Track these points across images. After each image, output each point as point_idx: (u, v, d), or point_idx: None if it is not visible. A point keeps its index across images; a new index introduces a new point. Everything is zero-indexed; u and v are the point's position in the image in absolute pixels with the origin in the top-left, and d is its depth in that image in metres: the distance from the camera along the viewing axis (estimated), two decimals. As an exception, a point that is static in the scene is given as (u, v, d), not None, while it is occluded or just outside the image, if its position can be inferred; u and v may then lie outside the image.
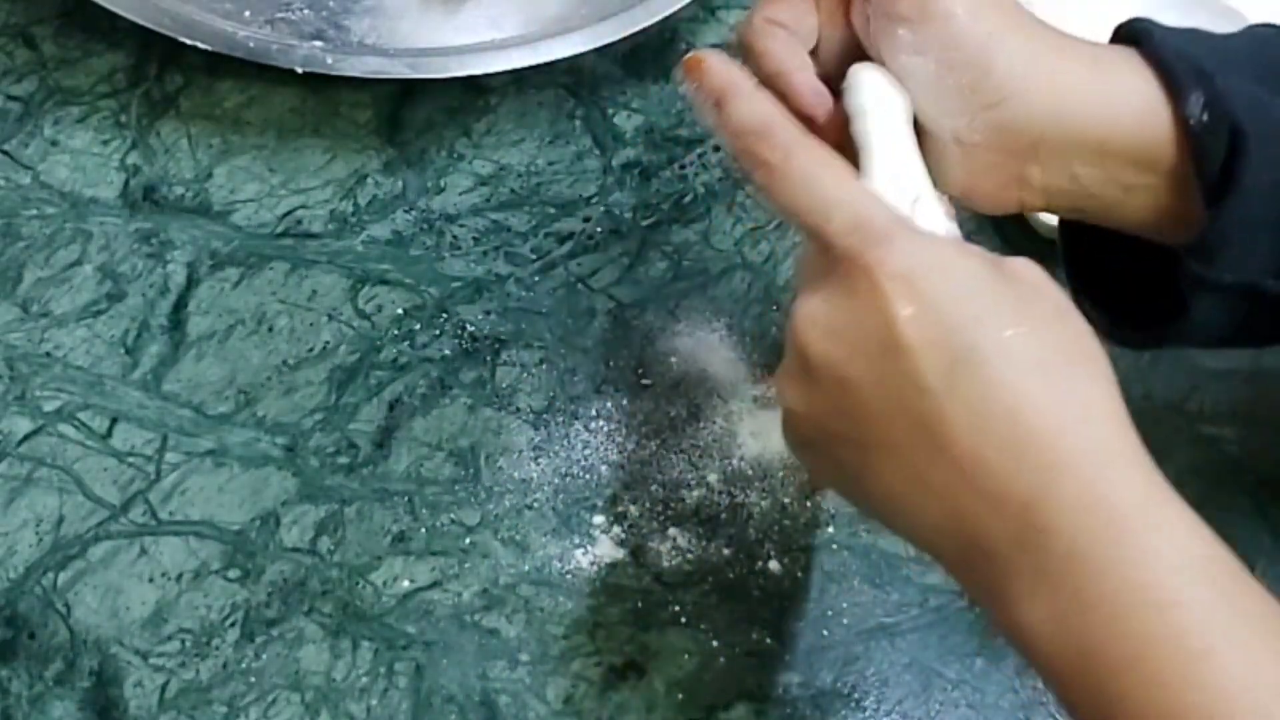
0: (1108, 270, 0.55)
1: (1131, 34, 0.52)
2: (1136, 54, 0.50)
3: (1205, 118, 0.49)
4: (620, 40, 0.72)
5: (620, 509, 0.61)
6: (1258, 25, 0.55)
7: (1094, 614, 0.40)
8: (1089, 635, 0.40)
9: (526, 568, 0.59)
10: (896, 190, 0.48)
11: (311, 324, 0.65)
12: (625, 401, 0.64)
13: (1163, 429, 0.66)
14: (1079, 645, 0.40)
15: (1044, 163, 0.50)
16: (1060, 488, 0.40)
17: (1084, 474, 0.41)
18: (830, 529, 0.62)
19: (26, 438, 0.60)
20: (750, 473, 0.63)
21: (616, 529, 0.61)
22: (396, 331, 0.65)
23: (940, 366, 0.41)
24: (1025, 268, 0.44)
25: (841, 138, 0.49)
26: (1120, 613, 0.39)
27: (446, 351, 0.65)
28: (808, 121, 0.49)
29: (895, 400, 0.42)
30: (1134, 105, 0.49)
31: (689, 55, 0.50)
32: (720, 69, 0.49)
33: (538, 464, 0.62)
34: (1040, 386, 0.41)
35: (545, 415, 0.63)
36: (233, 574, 0.58)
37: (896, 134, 0.49)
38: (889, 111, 0.49)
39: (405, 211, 0.69)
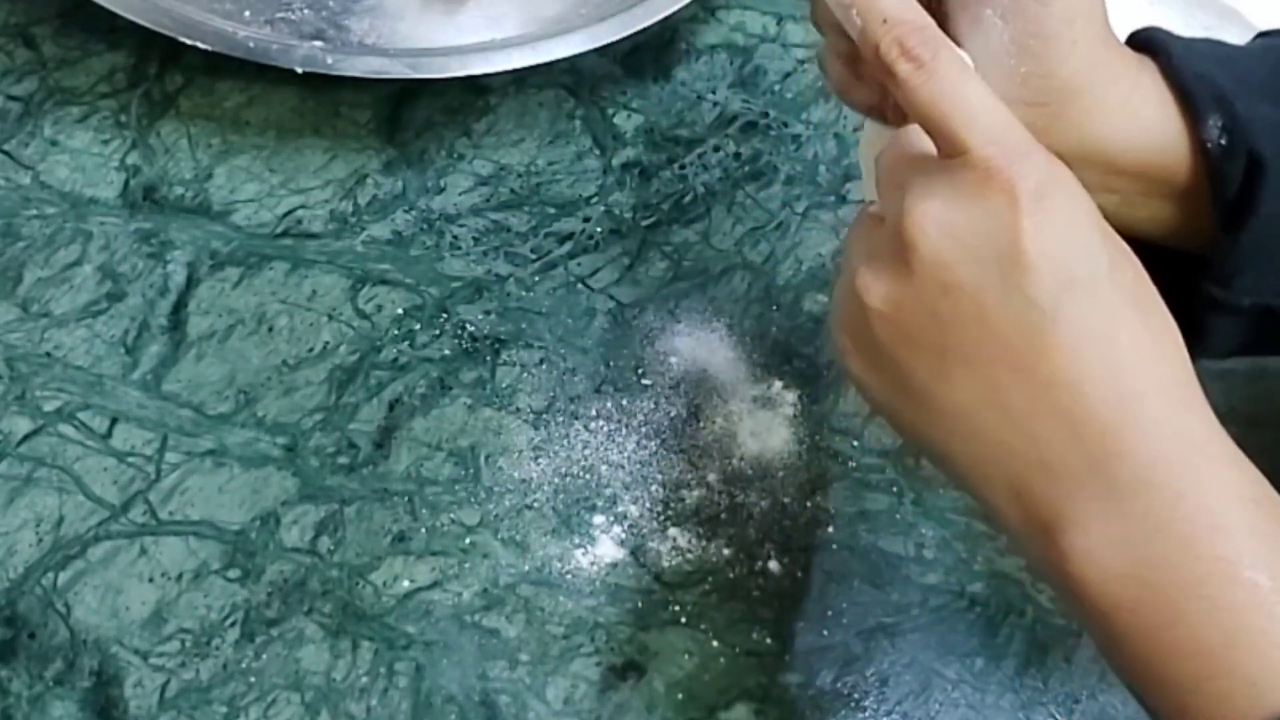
0: None
1: (1149, 44, 0.51)
2: (1155, 69, 0.50)
3: (1224, 142, 0.49)
4: (620, 40, 0.72)
5: (620, 509, 0.61)
6: (1272, 36, 0.54)
7: (1163, 535, 0.40)
8: (1153, 557, 0.40)
9: (526, 568, 0.59)
10: None
11: (311, 324, 0.65)
12: (625, 401, 0.64)
13: (1163, 429, 0.66)
14: (1141, 568, 0.40)
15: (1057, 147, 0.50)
16: (1142, 416, 0.41)
17: (1164, 406, 0.41)
18: (830, 529, 0.62)
19: (26, 438, 0.60)
20: (750, 473, 0.63)
21: (616, 529, 0.61)
22: (396, 331, 0.65)
23: (1052, 286, 0.41)
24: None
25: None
26: (1190, 536, 0.40)
27: (446, 351, 0.65)
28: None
29: (998, 311, 0.42)
30: (1154, 127, 0.49)
31: None
32: None
33: (538, 464, 0.62)
34: (1134, 319, 0.42)
35: (545, 415, 0.64)
36: (233, 574, 0.58)
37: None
38: None
39: (405, 211, 0.69)
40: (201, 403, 0.62)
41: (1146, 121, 0.49)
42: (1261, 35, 0.55)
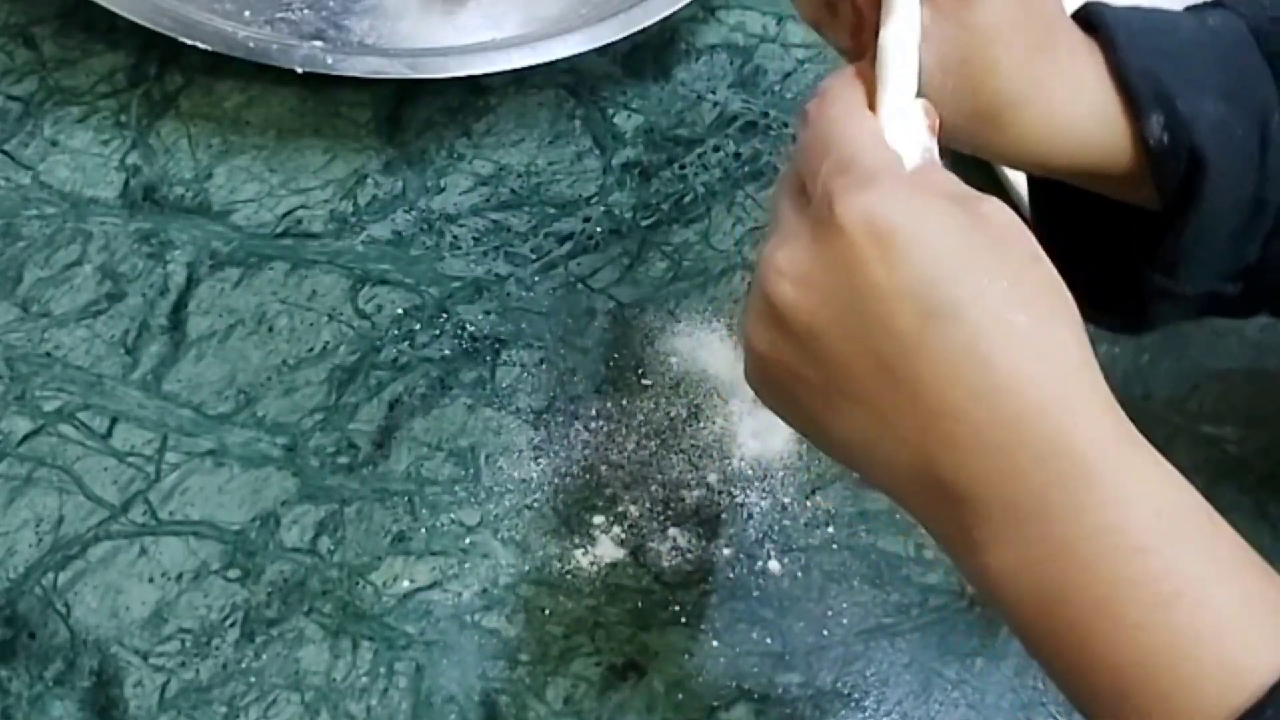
0: (1081, 257, 0.55)
1: (1096, 26, 0.50)
2: (1098, 60, 0.50)
3: (1165, 139, 0.49)
4: (620, 40, 0.72)
5: (620, 509, 0.61)
6: (1204, 9, 0.53)
7: (1062, 559, 0.39)
8: (1057, 580, 0.39)
9: (526, 568, 0.59)
10: (902, 104, 0.46)
11: (311, 324, 0.65)
12: (625, 401, 0.64)
13: (1163, 429, 0.66)
14: (1047, 590, 0.39)
15: (996, 154, 0.51)
16: (1031, 436, 0.40)
17: (1055, 423, 0.40)
18: (830, 529, 0.62)
19: (26, 438, 0.60)
20: (750, 473, 0.63)
21: (616, 529, 0.61)
22: (396, 331, 0.65)
23: (913, 316, 0.40)
24: (996, 211, 0.42)
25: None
26: (1089, 558, 0.39)
27: (446, 351, 0.65)
28: None
29: (863, 349, 0.41)
30: (1092, 129, 0.49)
31: None
32: None
33: (538, 464, 0.62)
34: (1013, 337, 0.40)
35: (545, 415, 0.63)
36: (233, 574, 0.58)
37: (912, 38, 0.47)
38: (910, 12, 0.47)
39: (405, 211, 0.69)
40: (201, 403, 0.62)
41: (1083, 125, 0.49)
42: (1190, 8, 0.53)
